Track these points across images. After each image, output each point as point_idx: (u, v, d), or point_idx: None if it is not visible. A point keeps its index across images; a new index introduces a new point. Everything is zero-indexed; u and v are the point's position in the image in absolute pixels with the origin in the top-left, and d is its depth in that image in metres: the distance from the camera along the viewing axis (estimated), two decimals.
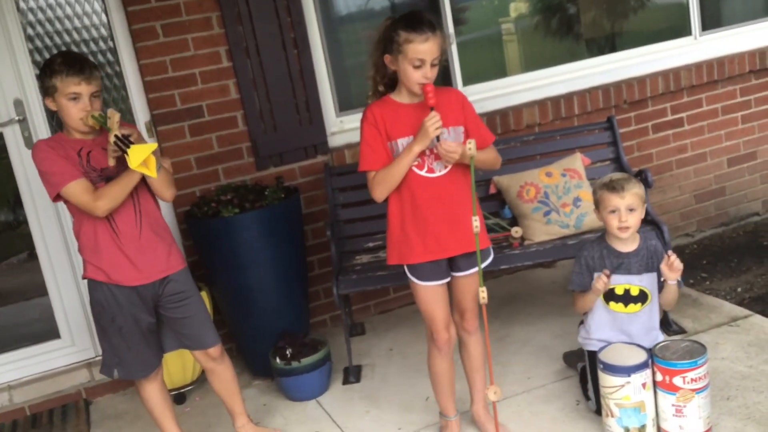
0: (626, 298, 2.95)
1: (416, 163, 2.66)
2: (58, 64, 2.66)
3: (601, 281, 2.86)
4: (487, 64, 4.69)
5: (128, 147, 2.60)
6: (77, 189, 2.67)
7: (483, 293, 2.69)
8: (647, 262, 2.94)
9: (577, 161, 3.91)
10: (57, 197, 2.72)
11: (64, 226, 3.82)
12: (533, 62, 4.67)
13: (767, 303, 3.91)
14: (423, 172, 2.67)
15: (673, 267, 2.83)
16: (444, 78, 4.30)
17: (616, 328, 2.95)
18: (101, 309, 2.84)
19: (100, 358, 3.89)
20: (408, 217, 2.71)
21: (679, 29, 4.88)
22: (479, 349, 2.91)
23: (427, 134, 2.55)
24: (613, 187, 2.85)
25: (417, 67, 2.58)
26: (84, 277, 2.85)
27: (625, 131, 4.58)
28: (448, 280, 2.79)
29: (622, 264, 2.93)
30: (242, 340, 3.82)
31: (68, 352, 3.91)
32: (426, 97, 2.58)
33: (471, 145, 2.57)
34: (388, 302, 4.38)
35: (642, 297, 2.94)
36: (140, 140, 2.70)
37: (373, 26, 4.45)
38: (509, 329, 3.88)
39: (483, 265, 2.81)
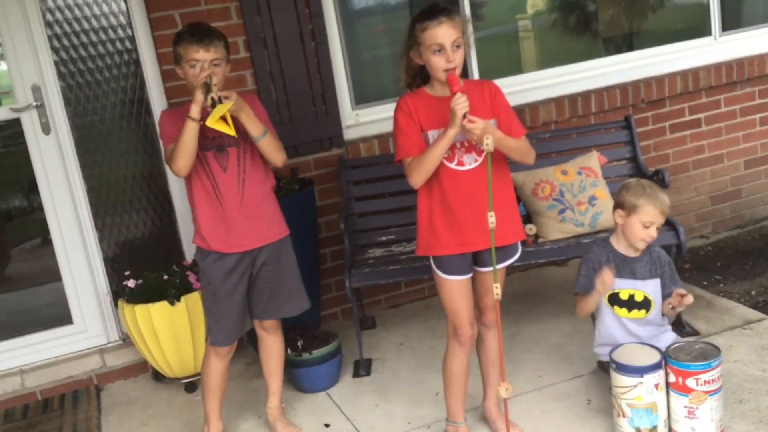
0: (630, 304, 2.95)
1: (447, 155, 2.65)
2: (183, 32, 2.84)
3: (606, 276, 2.83)
4: (504, 61, 4.67)
5: (213, 107, 2.71)
6: (167, 152, 2.87)
7: (497, 289, 2.68)
8: (651, 267, 2.94)
9: (594, 160, 3.89)
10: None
11: (79, 211, 3.84)
12: (550, 59, 4.65)
13: None
14: (453, 165, 2.67)
15: (681, 303, 2.86)
16: (461, 73, 4.28)
17: (625, 332, 2.95)
18: (201, 274, 3.00)
19: (111, 344, 3.95)
20: (436, 209, 2.71)
21: (699, 29, 4.84)
22: (496, 344, 2.90)
23: (455, 114, 2.53)
24: (659, 201, 2.81)
25: (437, 52, 2.58)
26: (192, 243, 3.03)
27: (642, 131, 4.56)
28: (471, 275, 2.79)
29: (627, 268, 2.92)
30: (253, 330, 3.81)
31: (81, 338, 3.93)
32: (450, 84, 2.56)
33: (489, 140, 2.55)
34: (400, 297, 4.38)
35: (646, 304, 2.94)
36: (237, 104, 2.76)
37: (391, 20, 4.47)
38: (520, 327, 3.87)
39: (509, 262, 2.82)
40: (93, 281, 3.91)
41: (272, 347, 3.18)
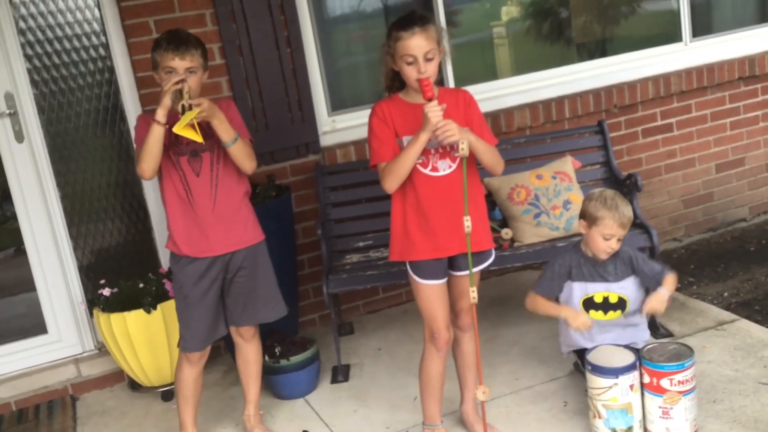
0: (605, 306, 2.98)
1: (421, 161, 2.67)
2: (160, 39, 2.85)
3: (580, 322, 2.89)
4: (479, 67, 4.71)
5: (183, 113, 2.71)
6: (136, 156, 2.85)
7: (474, 293, 2.71)
8: (622, 268, 2.97)
9: (568, 164, 3.93)
10: None
11: (53, 220, 3.80)
12: (524, 66, 4.69)
13: (753, 308, 3.94)
14: (427, 171, 2.68)
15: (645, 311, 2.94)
16: (437, 81, 4.31)
17: (594, 336, 2.98)
18: (174, 279, 3.00)
19: (87, 353, 3.92)
20: (411, 214, 2.72)
21: (670, 35, 4.91)
22: (472, 347, 2.92)
23: (428, 120, 2.54)
24: (619, 215, 2.83)
25: (410, 64, 2.60)
26: (165, 248, 3.04)
27: (615, 135, 4.60)
28: (447, 279, 2.80)
29: (597, 272, 2.96)
30: (230, 337, 3.80)
31: (55, 348, 3.89)
32: (423, 90, 2.58)
33: (464, 145, 2.57)
34: (377, 302, 4.39)
35: (621, 304, 2.98)
36: (209, 111, 2.75)
37: (367, 27, 4.49)
38: (497, 330, 3.89)
39: (483, 266, 2.84)
40: (68, 290, 3.88)
41: (249, 355, 3.18)
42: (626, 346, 2.90)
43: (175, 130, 2.69)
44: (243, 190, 3.00)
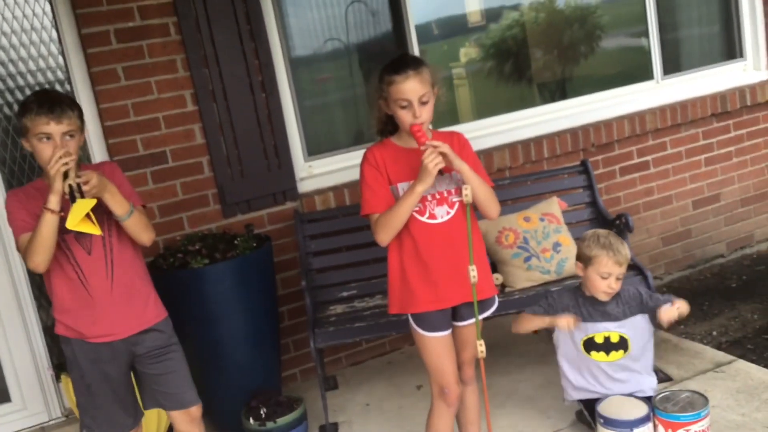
0: (607, 346, 2.90)
1: (417, 209, 2.54)
2: (29, 102, 2.48)
3: (571, 320, 2.81)
4: (457, 107, 4.63)
5: (75, 200, 2.36)
6: (20, 243, 2.52)
7: (481, 346, 2.57)
8: (624, 308, 2.90)
9: (555, 205, 3.85)
10: None
11: (15, 280, 3.57)
12: (502, 106, 4.63)
13: (746, 347, 3.88)
14: (424, 218, 2.56)
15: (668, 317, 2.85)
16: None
17: (601, 380, 2.87)
18: (71, 365, 2.65)
19: (54, 422, 3.66)
20: (409, 264, 2.58)
21: (642, 73, 4.92)
22: (476, 401, 2.78)
23: (427, 171, 2.42)
24: (613, 252, 2.77)
25: (404, 108, 2.49)
26: (55, 333, 2.64)
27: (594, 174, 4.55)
28: (451, 330, 2.66)
29: (598, 311, 2.88)
30: (211, 399, 3.56)
31: (20, 417, 3.65)
32: (415, 137, 2.48)
33: (467, 191, 2.47)
34: (361, 353, 4.21)
35: (623, 344, 2.89)
36: (99, 186, 2.43)
37: (341, 70, 4.38)
38: (490, 380, 3.69)
39: (487, 314, 2.72)
40: (32, 354, 3.63)
41: None
42: (635, 396, 2.79)
43: (69, 226, 2.33)
44: (141, 263, 2.70)
